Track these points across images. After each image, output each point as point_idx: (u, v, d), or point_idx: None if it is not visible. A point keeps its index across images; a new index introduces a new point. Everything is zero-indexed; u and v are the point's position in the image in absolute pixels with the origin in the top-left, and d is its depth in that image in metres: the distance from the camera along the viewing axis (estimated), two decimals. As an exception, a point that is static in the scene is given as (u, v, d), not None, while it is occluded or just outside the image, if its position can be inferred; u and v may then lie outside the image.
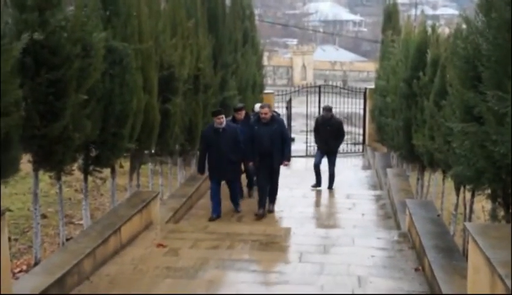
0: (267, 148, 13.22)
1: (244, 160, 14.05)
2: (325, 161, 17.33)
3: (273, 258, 9.58)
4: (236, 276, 8.78)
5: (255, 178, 14.62)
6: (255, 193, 14.33)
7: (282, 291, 8.09)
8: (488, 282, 5.84)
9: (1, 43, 6.66)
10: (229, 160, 13.11)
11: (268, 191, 13.68)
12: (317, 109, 27.23)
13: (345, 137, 18.78)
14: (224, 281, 8.54)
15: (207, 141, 13.18)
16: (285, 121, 27.67)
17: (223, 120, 13.03)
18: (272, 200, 13.95)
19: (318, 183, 17.12)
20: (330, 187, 16.95)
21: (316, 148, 18.00)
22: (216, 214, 13.16)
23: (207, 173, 13.89)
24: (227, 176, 13.53)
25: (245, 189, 15.38)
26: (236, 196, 13.84)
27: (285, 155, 13.65)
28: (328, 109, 17.42)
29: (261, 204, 13.42)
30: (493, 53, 6.46)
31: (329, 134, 16.95)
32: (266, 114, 13.28)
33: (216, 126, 13.02)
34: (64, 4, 8.36)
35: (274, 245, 10.23)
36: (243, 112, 14.65)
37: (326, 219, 13.65)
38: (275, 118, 13.67)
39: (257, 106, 15.73)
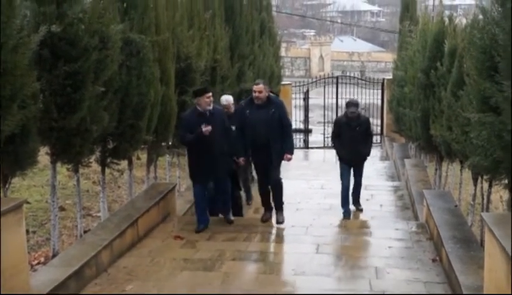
0: (262, 138, 10.32)
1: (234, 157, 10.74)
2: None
3: (290, 249, 9.58)
4: (253, 267, 8.81)
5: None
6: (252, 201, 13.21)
7: (298, 282, 8.09)
8: (505, 271, 5.82)
9: (19, 36, 6.71)
10: (220, 152, 10.20)
11: (271, 197, 11.00)
12: (334, 100, 27.22)
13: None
14: (241, 273, 8.56)
15: (190, 130, 10.11)
16: (303, 113, 27.93)
17: (211, 100, 10.25)
18: (279, 206, 10.92)
19: (347, 211, 12.76)
20: (357, 201, 13.11)
21: (338, 160, 13.05)
22: (204, 224, 10.44)
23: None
24: (217, 172, 10.37)
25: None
26: (226, 200, 10.84)
27: (287, 147, 10.53)
28: (354, 104, 12.44)
29: (266, 208, 11.13)
30: (509, 43, 6.43)
31: (358, 138, 12.30)
32: (260, 92, 10.25)
33: (204, 108, 10.11)
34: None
35: (291, 237, 10.23)
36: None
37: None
38: (272, 100, 10.48)
39: (223, 99, 12.29)
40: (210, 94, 10.22)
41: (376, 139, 27.42)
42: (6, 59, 6.47)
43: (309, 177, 16.91)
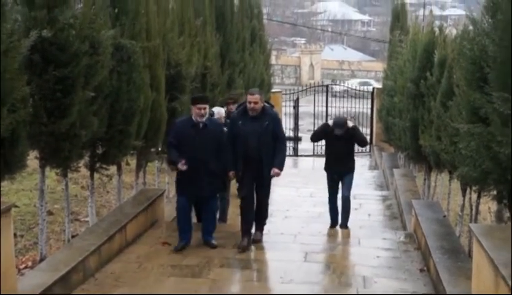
0: (254, 151, 9.63)
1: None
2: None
3: (278, 257, 9.57)
4: (241, 275, 8.83)
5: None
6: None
7: (286, 290, 8.09)
8: (492, 283, 5.84)
9: (10, 40, 6.70)
10: (209, 170, 9.49)
11: (254, 213, 10.09)
12: (324, 108, 27.31)
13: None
14: (228, 280, 8.58)
15: (179, 138, 9.57)
16: (293, 120, 27.94)
17: (206, 112, 9.64)
18: (260, 225, 10.25)
19: (334, 222, 12.04)
20: (345, 223, 11.83)
21: (324, 170, 12.15)
22: (185, 241, 9.73)
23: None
24: (203, 191, 9.67)
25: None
26: (211, 221, 10.10)
27: (278, 162, 9.74)
28: (341, 126, 11.43)
29: (245, 230, 9.96)
30: (499, 55, 6.46)
31: (344, 147, 11.62)
32: (256, 103, 9.56)
33: (196, 119, 9.53)
34: (72, 2, 8.45)
35: (279, 244, 10.22)
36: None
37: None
38: (267, 111, 9.78)
39: (214, 111, 11.41)
40: (203, 106, 9.51)
41: (364, 148, 27.55)
42: (-4, 63, 6.46)
43: (298, 185, 16.90)
